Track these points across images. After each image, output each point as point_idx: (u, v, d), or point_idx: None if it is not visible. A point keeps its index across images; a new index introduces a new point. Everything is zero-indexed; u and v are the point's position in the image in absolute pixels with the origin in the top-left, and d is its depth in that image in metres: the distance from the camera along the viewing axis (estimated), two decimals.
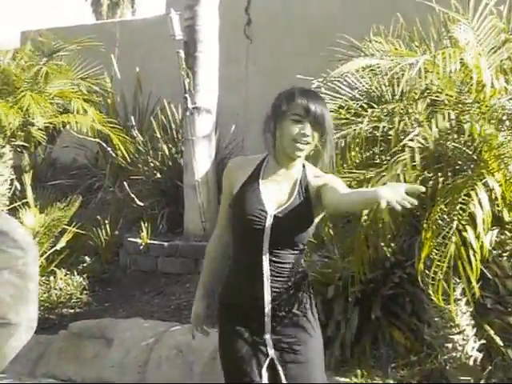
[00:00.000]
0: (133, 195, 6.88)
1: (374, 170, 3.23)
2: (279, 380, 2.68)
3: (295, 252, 2.68)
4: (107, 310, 6.14)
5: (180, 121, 6.89)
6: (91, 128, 6.35)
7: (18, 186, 6.45)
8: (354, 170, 3.36)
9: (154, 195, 6.91)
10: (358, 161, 3.35)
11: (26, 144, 6.35)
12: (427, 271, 3.19)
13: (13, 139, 6.23)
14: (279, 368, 2.66)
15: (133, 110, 7.81)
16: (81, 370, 5.38)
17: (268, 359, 2.67)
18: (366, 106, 3.54)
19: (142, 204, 6.89)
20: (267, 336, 2.68)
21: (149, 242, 6.48)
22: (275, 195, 2.70)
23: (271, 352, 2.67)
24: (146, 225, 6.53)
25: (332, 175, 2.71)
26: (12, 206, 6.17)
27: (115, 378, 5.18)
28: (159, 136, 7.00)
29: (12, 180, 6.38)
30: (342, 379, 4.13)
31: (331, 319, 4.31)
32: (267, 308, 2.66)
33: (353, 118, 3.45)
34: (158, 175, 6.92)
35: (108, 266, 6.74)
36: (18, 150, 6.40)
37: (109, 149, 7.14)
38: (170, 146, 7.01)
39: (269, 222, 2.65)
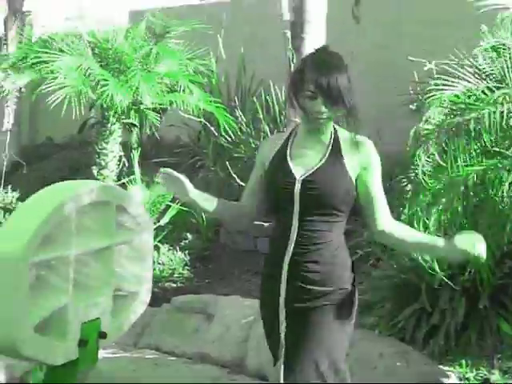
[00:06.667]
0: (234, 175, 6.96)
1: (494, 159, 3.12)
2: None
3: (327, 220, 2.58)
4: (207, 286, 6.28)
5: (283, 102, 6.90)
6: (196, 107, 6.46)
7: (126, 163, 6.66)
8: (473, 161, 3.24)
9: None
10: (477, 149, 3.24)
11: (134, 122, 6.55)
12: None
13: (122, 117, 6.43)
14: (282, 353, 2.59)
15: (235, 90, 7.89)
16: (182, 344, 5.52)
17: (282, 334, 2.60)
18: (487, 90, 3.42)
19: (242, 184, 6.96)
20: (282, 309, 2.61)
21: None
22: (304, 161, 2.63)
23: (282, 328, 2.60)
24: None
25: (374, 153, 2.62)
26: (120, 182, 6.37)
27: (216, 354, 5.29)
28: (262, 117, 7.04)
29: (120, 157, 6.60)
30: (447, 368, 4.07)
31: (437, 307, 4.24)
32: (283, 278, 2.59)
33: (475, 102, 3.34)
34: None
35: (208, 244, 6.88)
36: (127, 127, 6.60)
37: (212, 128, 7.23)
38: (272, 126, 7.03)
39: (297, 187, 2.59)
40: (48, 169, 9.40)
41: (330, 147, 2.61)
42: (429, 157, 3.38)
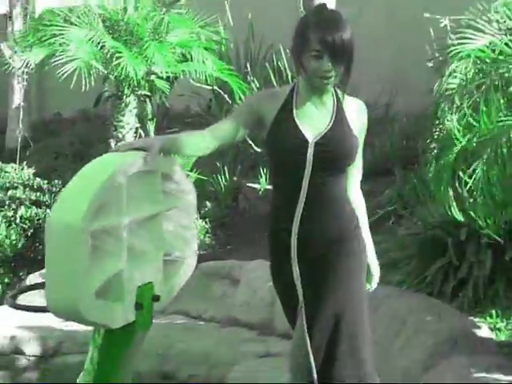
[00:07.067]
0: (250, 141, 6.99)
1: None
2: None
3: (335, 178, 2.63)
4: (230, 253, 6.38)
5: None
6: (210, 76, 6.48)
7: (143, 134, 6.69)
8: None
9: None
10: (504, 103, 3.28)
11: (148, 93, 6.56)
12: None
13: (136, 89, 6.45)
14: (302, 309, 2.63)
15: (245, 56, 7.87)
16: (210, 308, 5.64)
17: (300, 296, 2.65)
18: (511, 43, 3.45)
19: (258, 150, 7.00)
20: (295, 267, 2.65)
21: (267, 187, 6.63)
22: (312, 123, 2.62)
23: (300, 291, 2.65)
24: (265, 171, 6.67)
25: (366, 118, 2.69)
26: None
27: (244, 317, 5.40)
28: (274, 81, 7.04)
29: (137, 128, 6.64)
30: (477, 319, 4.16)
31: (464, 261, 4.33)
32: (294, 233, 2.62)
33: (499, 56, 3.37)
34: None
35: (227, 211, 6.95)
36: (141, 99, 6.62)
37: (225, 96, 7.25)
38: None
39: (310, 150, 2.59)
40: (60, 144, 9.44)
41: (335, 108, 2.62)
42: (456, 112, 3.42)
